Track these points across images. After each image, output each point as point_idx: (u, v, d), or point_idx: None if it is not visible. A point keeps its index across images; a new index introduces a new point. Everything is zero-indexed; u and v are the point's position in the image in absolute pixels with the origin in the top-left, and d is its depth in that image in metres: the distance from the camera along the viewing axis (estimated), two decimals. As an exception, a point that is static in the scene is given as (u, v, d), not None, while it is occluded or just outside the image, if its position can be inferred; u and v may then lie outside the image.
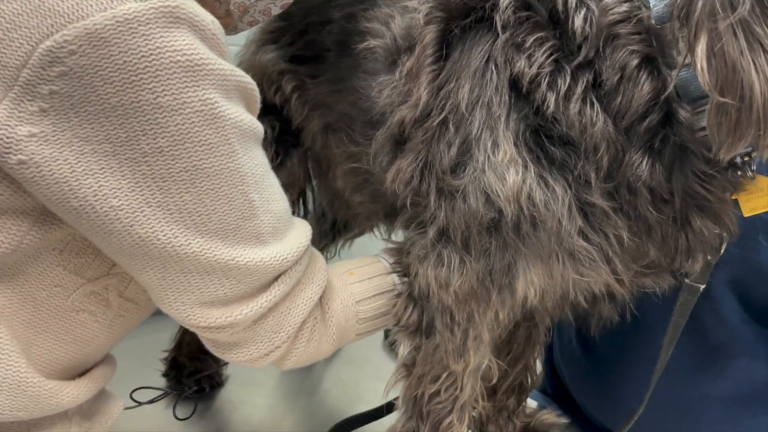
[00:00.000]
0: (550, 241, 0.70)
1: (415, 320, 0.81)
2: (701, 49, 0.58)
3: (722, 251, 0.79)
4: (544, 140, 0.69)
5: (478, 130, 0.70)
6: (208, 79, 0.59)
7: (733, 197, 0.74)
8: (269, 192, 0.68)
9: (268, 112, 1.03)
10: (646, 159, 0.67)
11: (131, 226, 0.60)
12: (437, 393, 0.82)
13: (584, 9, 0.66)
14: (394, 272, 0.84)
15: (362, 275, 0.81)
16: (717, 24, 0.57)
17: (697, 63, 0.58)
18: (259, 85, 1.02)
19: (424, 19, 0.76)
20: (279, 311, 0.70)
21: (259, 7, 0.79)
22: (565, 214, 0.68)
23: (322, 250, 1.31)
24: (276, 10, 0.81)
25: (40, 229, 0.63)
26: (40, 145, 0.56)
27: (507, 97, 0.69)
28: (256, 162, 0.66)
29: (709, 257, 0.78)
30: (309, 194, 1.18)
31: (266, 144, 1.03)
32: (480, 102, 0.70)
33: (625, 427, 0.87)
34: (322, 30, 0.95)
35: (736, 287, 0.89)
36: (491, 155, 0.69)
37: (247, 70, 1.05)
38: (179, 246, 0.62)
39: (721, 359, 0.91)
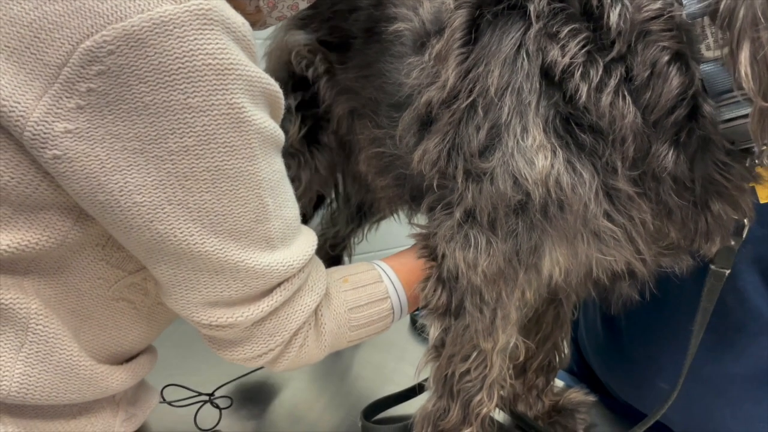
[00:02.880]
0: (576, 222, 0.72)
1: (445, 302, 0.82)
2: (744, 56, 0.60)
3: (744, 236, 0.80)
4: (574, 127, 0.70)
5: (507, 116, 0.72)
6: (236, 84, 0.61)
7: (751, 185, 0.75)
8: (283, 198, 0.70)
9: (296, 88, 1.07)
10: (671, 151, 0.69)
11: (151, 222, 0.62)
12: (467, 372, 0.83)
13: (619, 5, 0.68)
14: (422, 257, 0.85)
15: (356, 283, 0.82)
16: (759, 33, 0.59)
17: (741, 70, 0.61)
18: (288, 62, 1.05)
19: (454, 3, 0.78)
20: (278, 316, 0.72)
21: (287, 2, 0.81)
22: (591, 198, 0.70)
23: (349, 234, 1.34)
24: (303, 5, 0.83)
25: (83, 224, 0.66)
26: (75, 141, 0.58)
27: (538, 85, 0.71)
28: (274, 168, 0.68)
29: (732, 242, 0.79)
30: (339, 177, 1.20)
31: (291, 117, 1.06)
32: (510, 88, 0.72)
33: (659, 411, 0.88)
34: (349, 17, 0.97)
35: (760, 266, 0.90)
36: (520, 140, 0.71)
37: (275, 51, 1.10)
38: (194, 244, 0.64)
39: (743, 338, 0.91)
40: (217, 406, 1.02)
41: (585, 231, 0.73)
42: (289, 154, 1.09)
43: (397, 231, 1.13)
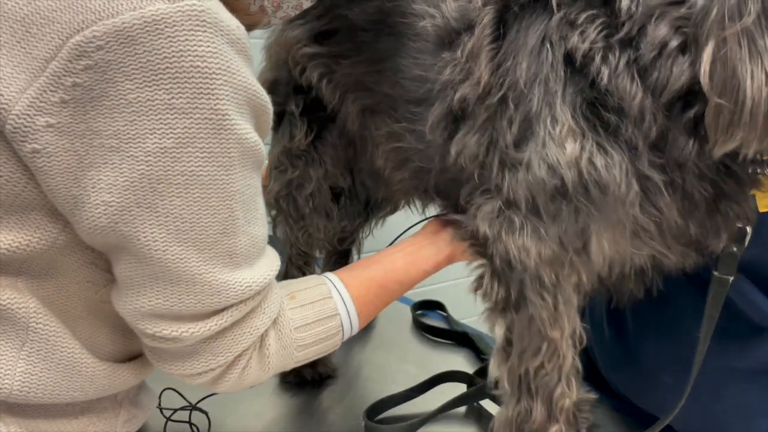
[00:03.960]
0: (617, 205, 0.72)
1: (504, 295, 0.82)
2: (707, 53, 0.63)
3: (746, 243, 0.80)
4: (600, 110, 0.71)
5: (537, 107, 0.73)
6: (223, 89, 0.60)
7: (752, 192, 0.76)
8: (254, 215, 0.68)
9: (298, 91, 1.07)
10: (692, 141, 0.69)
11: (116, 223, 0.61)
12: (541, 366, 0.82)
13: None
14: (471, 253, 0.84)
15: (304, 299, 0.79)
16: (725, 31, 0.62)
17: (701, 67, 0.63)
18: (285, 62, 1.05)
19: (482, 1, 0.79)
20: (225, 336, 0.70)
21: (292, 2, 0.81)
22: (623, 178, 0.71)
23: (357, 228, 1.34)
24: (307, 4, 0.83)
25: (74, 227, 0.64)
26: (55, 135, 0.58)
27: (562, 73, 0.72)
28: (249, 183, 0.67)
29: (734, 248, 0.79)
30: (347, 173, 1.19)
31: (296, 121, 1.07)
32: (537, 79, 0.73)
33: (670, 415, 0.88)
34: (354, 7, 0.96)
35: (747, 274, 0.90)
36: (551, 129, 0.72)
37: (274, 47, 1.09)
38: (156, 250, 0.62)
39: (744, 332, 0.91)
40: (203, 412, 1.00)
41: (626, 219, 0.73)
42: (295, 155, 1.10)
43: (403, 225, 1.14)
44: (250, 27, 0.77)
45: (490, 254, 0.81)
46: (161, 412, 0.97)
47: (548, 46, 0.73)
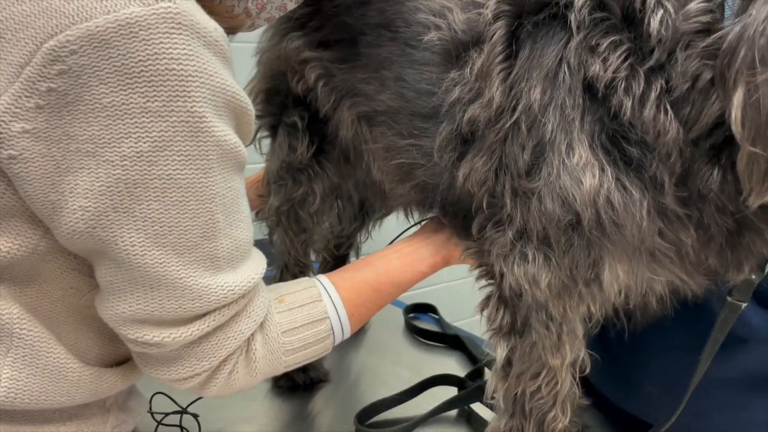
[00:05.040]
0: (634, 238, 0.70)
1: (509, 321, 0.81)
2: (738, 99, 0.59)
3: (766, 272, 0.78)
4: (621, 142, 0.68)
5: (552, 133, 0.70)
6: (200, 92, 0.59)
7: None
8: (236, 217, 0.67)
9: (298, 103, 1.04)
10: (716, 171, 0.66)
11: (94, 228, 0.60)
12: (538, 389, 0.83)
13: (661, 10, 0.65)
14: (481, 276, 0.83)
15: (292, 303, 0.78)
16: (756, 77, 0.58)
17: (732, 111, 0.60)
18: (285, 74, 1.03)
19: (492, 14, 0.74)
20: (209, 340, 0.69)
21: (276, 3, 0.80)
22: (644, 216, 0.68)
23: (354, 232, 1.33)
24: (291, 5, 0.83)
25: (53, 233, 0.64)
26: (32, 141, 0.57)
27: (581, 100, 0.69)
28: (230, 185, 0.66)
29: (753, 276, 0.77)
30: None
31: (298, 134, 1.05)
32: (553, 104, 0.70)
33: (666, 423, 0.88)
34: (357, 12, 0.93)
35: None
36: (566, 158, 0.69)
37: (270, 61, 1.06)
38: (134, 255, 0.62)
39: (730, 343, 0.91)
40: (194, 416, 0.99)
41: (642, 248, 0.71)
42: (297, 169, 1.08)
43: (402, 226, 1.12)
44: (233, 30, 0.76)
45: (499, 282, 0.80)
46: (152, 417, 0.97)
47: (566, 69, 0.69)
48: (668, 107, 0.65)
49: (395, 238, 1.06)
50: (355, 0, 0.93)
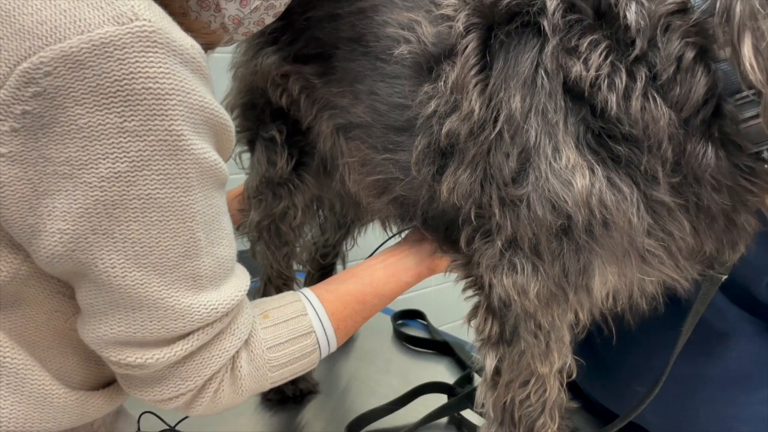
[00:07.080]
0: (623, 239, 0.70)
1: (497, 330, 0.81)
2: (747, 48, 0.59)
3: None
4: (607, 141, 0.68)
5: (536, 138, 0.69)
6: (177, 110, 0.59)
7: None
8: (217, 235, 0.66)
9: (276, 117, 1.04)
10: (709, 147, 0.67)
11: (73, 251, 0.60)
12: (527, 397, 0.83)
13: (634, 2, 0.66)
14: (468, 287, 0.83)
15: (277, 318, 0.77)
16: (759, 23, 0.59)
17: (745, 62, 0.60)
18: (263, 89, 1.02)
19: (463, 27, 0.74)
20: (193, 360, 0.68)
21: (253, 18, 0.80)
22: (634, 213, 0.68)
23: (339, 241, 1.33)
24: (269, 20, 0.83)
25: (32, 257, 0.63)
26: (8, 165, 0.57)
27: (562, 103, 0.68)
28: (211, 203, 0.65)
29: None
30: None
31: (277, 148, 1.04)
32: (534, 110, 0.69)
33: (635, 411, 0.89)
34: (327, 26, 0.93)
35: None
36: (553, 162, 0.69)
37: (246, 77, 1.05)
38: (114, 276, 0.61)
39: (713, 340, 0.92)
40: None
41: (631, 249, 0.71)
42: (277, 183, 1.07)
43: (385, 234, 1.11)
44: (211, 45, 0.75)
45: (487, 293, 0.80)
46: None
47: (543, 74, 0.69)
48: (655, 95, 0.66)
49: (378, 247, 1.06)
50: (326, 14, 0.93)
